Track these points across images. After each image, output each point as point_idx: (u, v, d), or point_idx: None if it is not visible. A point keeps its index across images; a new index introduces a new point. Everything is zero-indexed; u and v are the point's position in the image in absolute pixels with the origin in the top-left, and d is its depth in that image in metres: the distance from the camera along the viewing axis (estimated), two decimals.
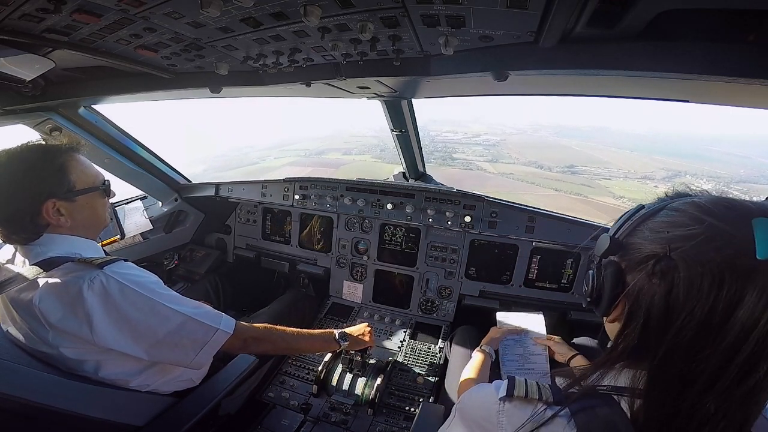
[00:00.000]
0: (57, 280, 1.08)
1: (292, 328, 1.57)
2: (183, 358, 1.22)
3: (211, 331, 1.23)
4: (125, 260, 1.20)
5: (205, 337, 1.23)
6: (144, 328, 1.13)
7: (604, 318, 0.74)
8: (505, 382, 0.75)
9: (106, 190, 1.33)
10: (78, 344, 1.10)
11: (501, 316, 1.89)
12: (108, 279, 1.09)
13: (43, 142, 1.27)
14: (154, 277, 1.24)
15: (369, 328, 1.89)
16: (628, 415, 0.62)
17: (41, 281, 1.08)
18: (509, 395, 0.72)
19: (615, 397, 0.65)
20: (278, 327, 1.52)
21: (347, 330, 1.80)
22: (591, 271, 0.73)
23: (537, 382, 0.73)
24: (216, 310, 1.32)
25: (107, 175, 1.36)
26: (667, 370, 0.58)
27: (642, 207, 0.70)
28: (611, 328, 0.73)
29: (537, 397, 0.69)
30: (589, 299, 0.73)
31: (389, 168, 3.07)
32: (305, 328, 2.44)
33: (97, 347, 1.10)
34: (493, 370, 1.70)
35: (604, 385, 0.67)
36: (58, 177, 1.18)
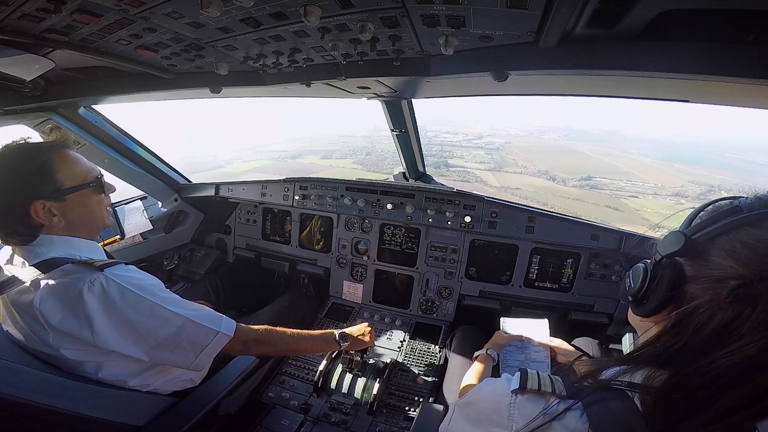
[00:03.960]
0: (57, 281, 1.08)
1: (292, 330, 1.57)
2: (183, 361, 1.22)
3: (211, 333, 1.23)
4: (125, 263, 1.20)
5: (205, 340, 1.23)
6: (144, 330, 1.12)
7: (637, 315, 0.70)
8: (517, 374, 0.74)
9: (98, 185, 1.26)
10: (78, 346, 1.10)
11: (505, 321, 1.89)
12: (108, 281, 1.09)
13: (26, 140, 1.21)
14: (155, 280, 1.24)
15: (369, 329, 1.89)
16: (641, 409, 0.60)
17: (41, 283, 1.08)
18: (522, 388, 0.71)
19: (629, 392, 0.63)
20: (278, 328, 1.52)
21: (347, 330, 1.80)
22: (642, 266, 0.67)
23: (549, 375, 0.72)
24: (217, 313, 1.32)
25: (106, 175, 1.33)
26: (690, 385, 0.54)
27: (739, 209, 0.59)
28: (644, 327, 0.69)
29: (550, 390, 0.69)
30: (631, 297, 0.67)
31: (369, 177, 2.90)
32: (305, 328, 2.43)
33: (97, 349, 1.10)
34: (493, 375, 1.69)
35: (618, 380, 0.65)
36: (42, 176, 1.13)
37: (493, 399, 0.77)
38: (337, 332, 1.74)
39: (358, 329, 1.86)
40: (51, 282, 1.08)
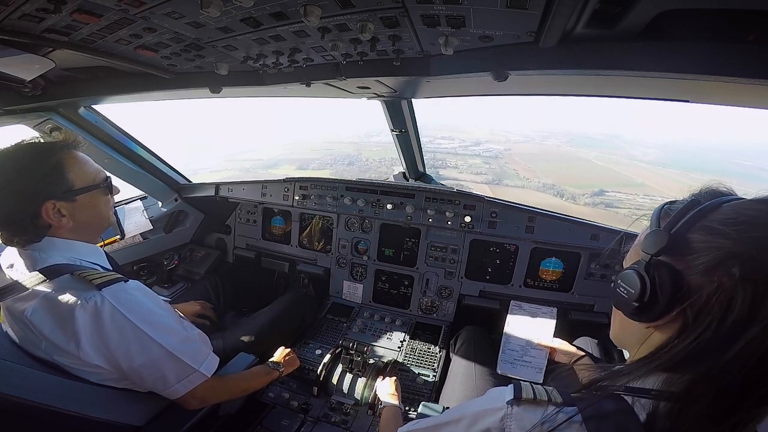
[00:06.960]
0: (52, 295, 1.07)
1: (241, 372, 1.63)
2: (159, 386, 1.22)
3: (188, 370, 1.23)
4: (125, 280, 1.17)
5: (181, 375, 1.22)
6: (122, 353, 1.12)
7: (642, 322, 0.66)
8: (511, 386, 0.74)
9: (107, 187, 1.29)
10: (68, 355, 1.10)
11: (514, 305, 1.92)
12: (103, 301, 1.08)
13: (39, 140, 1.23)
14: (152, 302, 1.22)
15: (288, 350, 1.92)
16: (642, 417, 0.59)
17: (37, 293, 1.07)
18: (517, 398, 0.70)
19: (627, 399, 0.62)
20: (230, 376, 1.56)
21: (273, 359, 1.84)
22: (631, 271, 0.64)
23: (543, 386, 0.72)
24: (206, 348, 1.32)
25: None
26: (722, 379, 0.53)
27: (697, 202, 0.63)
28: (645, 336, 0.66)
29: (546, 399, 0.68)
30: (637, 303, 0.63)
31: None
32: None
33: (84, 362, 1.11)
34: (493, 355, 1.86)
35: (617, 385, 0.64)
36: (54, 177, 1.14)
37: (487, 413, 0.74)
38: (269, 363, 1.79)
39: (279, 355, 1.88)
40: (46, 294, 1.07)
